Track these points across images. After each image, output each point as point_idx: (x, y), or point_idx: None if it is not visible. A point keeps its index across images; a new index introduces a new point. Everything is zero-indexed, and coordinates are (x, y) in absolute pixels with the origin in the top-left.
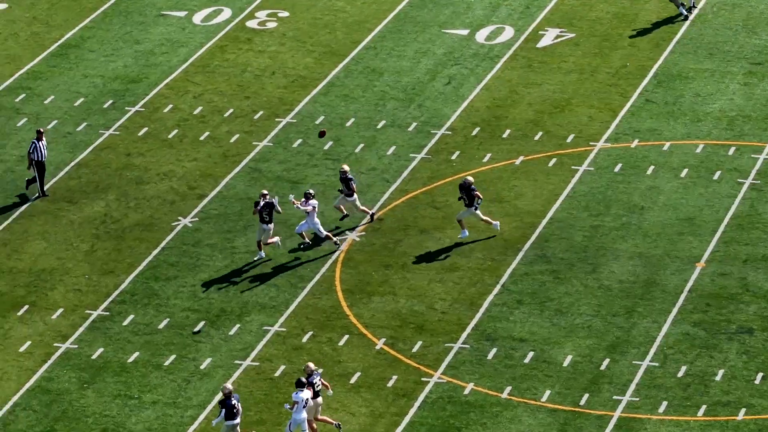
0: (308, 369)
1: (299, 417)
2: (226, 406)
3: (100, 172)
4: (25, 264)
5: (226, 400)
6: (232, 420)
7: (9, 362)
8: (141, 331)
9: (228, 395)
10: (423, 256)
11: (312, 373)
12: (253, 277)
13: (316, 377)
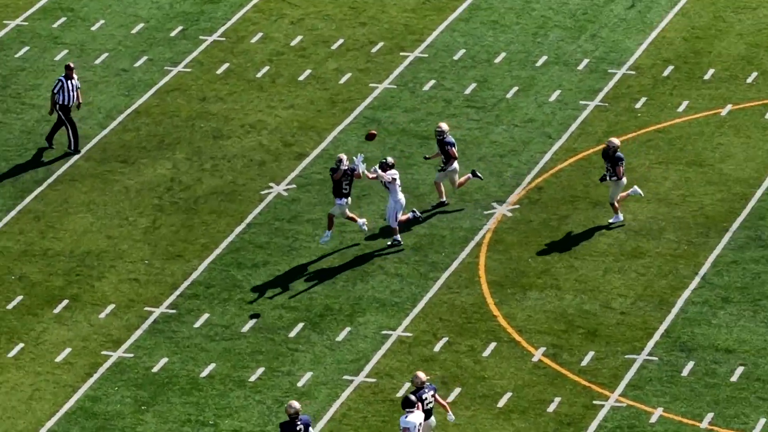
0: (418, 380)
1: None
2: (288, 430)
3: (166, 122)
4: (64, 245)
5: (289, 424)
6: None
7: (42, 376)
8: (219, 336)
9: (294, 416)
10: (596, 238)
11: (422, 387)
12: (369, 265)
13: (427, 392)
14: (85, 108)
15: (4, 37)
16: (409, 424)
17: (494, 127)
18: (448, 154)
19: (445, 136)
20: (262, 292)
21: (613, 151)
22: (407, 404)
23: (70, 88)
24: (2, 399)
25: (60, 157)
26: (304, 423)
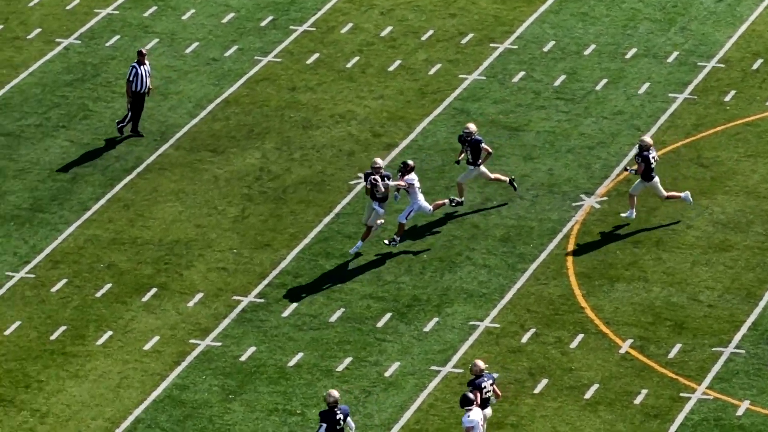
0: (476, 368)
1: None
2: (327, 419)
3: (255, 112)
4: (153, 234)
5: (328, 412)
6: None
7: (130, 364)
8: (306, 325)
9: (333, 405)
10: (684, 230)
11: (481, 375)
12: (457, 256)
13: (486, 381)
14: (174, 97)
15: (95, 26)
16: (473, 422)
17: (583, 119)
18: (478, 153)
19: (473, 136)
20: (350, 282)
21: (645, 149)
22: (466, 402)
23: (143, 75)
24: (90, 387)
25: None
26: (344, 413)
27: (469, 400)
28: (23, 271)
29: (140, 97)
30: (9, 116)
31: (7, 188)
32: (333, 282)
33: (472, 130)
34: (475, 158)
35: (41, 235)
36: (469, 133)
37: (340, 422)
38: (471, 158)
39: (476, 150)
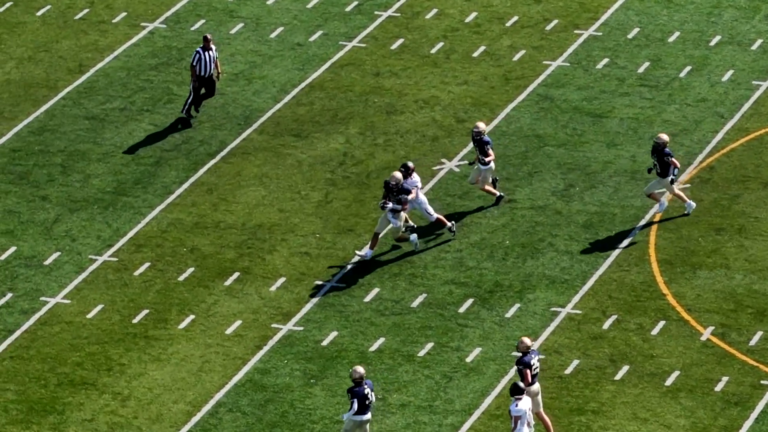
0: (523, 345)
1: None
2: (357, 395)
3: (339, 97)
4: (236, 218)
5: (356, 387)
6: (362, 414)
7: (212, 348)
8: (388, 311)
9: (359, 381)
10: (767, 218)
11: (529, 352)
12: (540, 242)
13: (533, 357)
14: (259, 81)
15: (181, 10)
16: (520, 411)
17: (667, 106)
18: (486, 153)
19: (482, 135)
20: (432, 268)
21: (662, 146)
22: (516, 391)
23: (207, 60)
24: (172, 370)
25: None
26: (370, 386)
27: (520, 389)
28: (106, 254)
29: (205, 82)
30: (94, 100)
31: (91, 172)
32: (415, 267)
33: (481, 128)
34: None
35: (124, 219)
36: (478, 132)
37: (369, 397)
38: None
39: (482, 149)
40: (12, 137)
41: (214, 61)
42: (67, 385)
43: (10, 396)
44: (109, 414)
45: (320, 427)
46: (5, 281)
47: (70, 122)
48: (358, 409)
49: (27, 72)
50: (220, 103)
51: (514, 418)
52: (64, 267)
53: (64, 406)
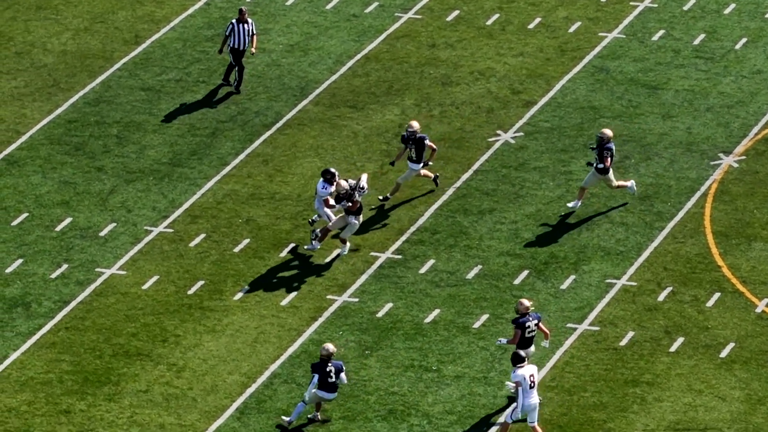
0: (522, 307)
1: (527, 402)
2: (319, 370)
3: (395, 68)
4: (291, 189)
5: (321, 363)
6: (326, 391)
7: (267, 319)
8: (443, 282)
9: (326, 359)
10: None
11: (526, 314)
12: (595, 213)
13: (531, 320)
14: (315, 53)
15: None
16: (518, 377)
17: (722, 77)
18: (422, 151)
19: (417, 134)
20: (488, 239)
21: (606, 142)
22: (516, 360)
23: (241, 32)
24: (227, 341)
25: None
26: (336, 367)
27: (521, 358)
28: (162, 225)
29: (238, 54)
30: (150, 71)
31: (147, 143)
32: (471, 239)
33: (416, 128)
34: (419, 156)
35: (180, 190)
36: (413, 132)
37: (331, 375)
38: (415, 156)
39: (420, 148)
40: (68, 108)
41: (250, 36)
42: (122, 356)
43: (66, 367)
44: (164, 385)
45: (375, 398)
46: (61, 252)
47: (126, 93)
48: (319, 384)
49: (83, 43)
50: (276, 75)
51: (515, 383)
52: (119, 238)
53: (119, 377)
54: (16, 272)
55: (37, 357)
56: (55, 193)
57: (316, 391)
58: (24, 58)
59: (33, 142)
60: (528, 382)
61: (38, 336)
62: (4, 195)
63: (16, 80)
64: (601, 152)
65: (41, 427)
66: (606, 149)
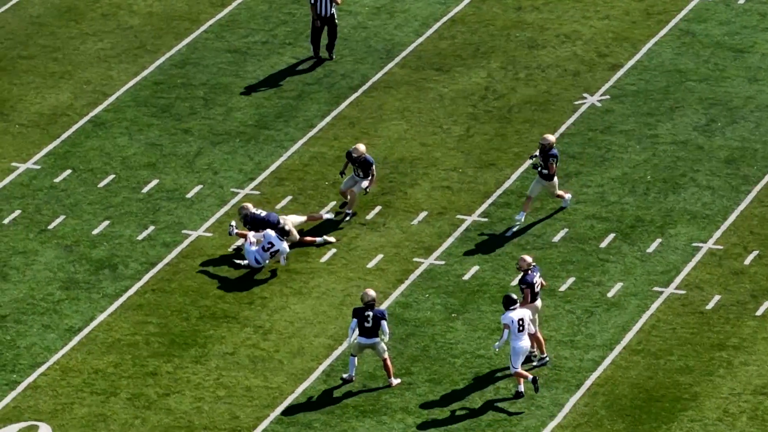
0: (524, 263)
1: (517, 345)
2: (357, 316)
3: (481, 31)
4: (378, 151)
5: (360, 309)
6: (366, 337)
7: (353, 281)
8: (530, 245)
9: (368, 305)
10: None
11: (529, 269)
12: (681, 177)
13: (535, 275)
14: (401, 15)
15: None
16: (507, 319)
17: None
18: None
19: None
20: (575, 202)
21: (548, 146)
22: (509, 302)
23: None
24: (314, 303)
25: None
26: (378, 314)
27: (513, 301)
28: (248, 187)
29: (323, 21)
30: (236, 33)
31: (233, 105)
32: (557, 202)
33: (362, 150)
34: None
35: (266, 152)
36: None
37: (369, 320)
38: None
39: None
40: (154, 70)
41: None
42: (208, 318)
43: (152, 329)
44: (251, 347)
45: (461, 361)
46: (147, 214)
47: (212, 55)
48: (358, 331)
49: (169, 5)
50: (362, 37)
51: (503, 326)
52: (206, 200)
53: (205, 339)
54: (103, 234)
55: (123, 319)
56: (141, 155)
57: (357, 338)
58: (110, 20)
59: (119, 104)
60: (516, 326)
61: (125, 298)
62: (91, 157)
63: (103, 42)
64: (545, 158)
65: (128, 389)
66: (551, 156)
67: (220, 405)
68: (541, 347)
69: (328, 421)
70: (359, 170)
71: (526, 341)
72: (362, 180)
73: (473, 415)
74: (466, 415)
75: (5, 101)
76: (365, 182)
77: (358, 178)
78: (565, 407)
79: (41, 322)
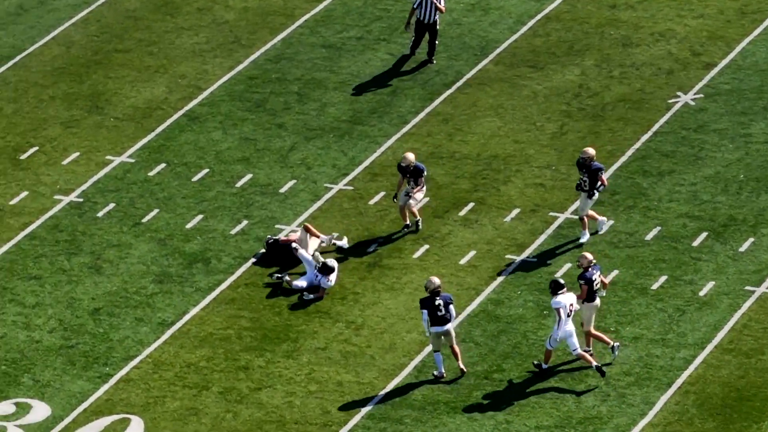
0: (585, 261)
1: (564, 329)
2: (427, 306)
3: (575, 28)
4: (471, 148)
5: (429, 298)
6: (438, 325)
7: (446, 278)
8: (622, 243)
9: (434, 292)
10: None
11: (590, 266)
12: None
13: (595, 272)
14: (495, 12)
15: None
16: (559, 304)
17: None
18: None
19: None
20: (667, 201)
21: (589, 160)
22: (557, 287)
23: (428, 5)
24: (406, 300)
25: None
26: (445, 299)
27: (560, 285)
28: (342, 183)
29: (423, 27)
30: (331, 28)
31: (328, 100)
32: (650, 200)
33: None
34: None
35: (360, 148)
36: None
37: (440, 308)
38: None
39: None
40: (249, 65)
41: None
42: (300, 313)
43: (245, 323)
44: (343, 342)
45: (552, 358)
46: (241, 208)
47: (306, 50)
48: (431, 321)
49: (265, 0)
50: (456, 33)
51: (556, 310)
52: (299, 195)
53: (297, 333)
54: (197, 228)
55: (216, 313)
56: (235, 150)
57: (431, 328)
58: (206, 14)
59: (214, 98)
60: (567, 310)
61: (217, 292)
62: (185, 151)
63: (198, 36)
64: (592, 174)
65: (220, 382)
66: (596, 169)
67: (312, 400)
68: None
69: (419, 417)
70: (412, 180)
71: (570, 326)
72: (416, 192)
73: (564, 412)
74: (557, 412)
75: (100, 95)
76: (419, 194)
77: (411, 191)
78: (656, 405)
79: (134, 316)
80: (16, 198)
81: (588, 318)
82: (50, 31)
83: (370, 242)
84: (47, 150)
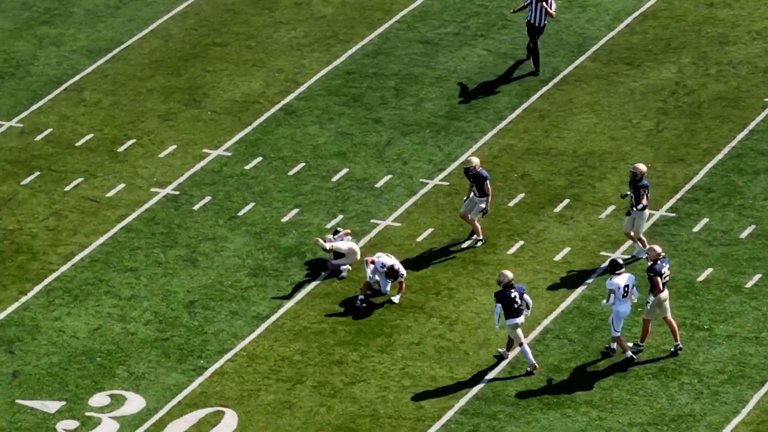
0: (654, 253)
1: (621, 309)
2: (502, 299)
3: (672, 26)
4: (567, 145)
5: (503, 291)
6: (514, 317)
7: (540, 274)
8: (717, 241)
9: (508, 286)
10: None
11: (658, 259)
12: None
13: (664, 265)
14: (593, 9)
15: None
16: (613, 285)
17: None
18: (483, 189)
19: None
20: (762, 199)
21: (640, 176)
22: (615, 267)
23: (538, 9)
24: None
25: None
26: (519, 291)
27: (619, 265)
28: (437, 178)
29: (533, 30)
30: (429, 24)
31: (425, 95)
32: (745, 198)
33: (475, 163)
34: (481, 192)
35: (456, 143)
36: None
37: (516, 300)
38: (477, 192)
39: (480, 184)
40: (346, 59)
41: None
42: (395, 307)
43: (339, 317)
44: (437, 338)
45: (646, 355)
46: (336, 203)
47: (404, 46)
48: (507, 313)
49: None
50: (553, 30)
51: (609, 291)
52: (395, 190)
53: (391, 328)
54: (292, 222)
55: (310, 307)
56: (331, 144)
57: (507, 321)
58: (304, 9)
59: (311, 92)
60: (622, 291)
61: (312, 286)
62: (282, 145)
63: (296, 30)
64: (636, 190)
65: (314, 376)
66: (641, 187)
67: (405, 395)
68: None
69: (512, 413)
70: (474, 187)
71: (628, 306)
72: (480, 201)
73: (657, 409)
74: (650, 409)
75: (198, 88)
76: (482, 204)
77: (476, 198)
78: (749, 404)
79: (229, 309)
80: (113, 190)
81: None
82: (149, 24)
83: (463, 238)
84: (144, 143)
